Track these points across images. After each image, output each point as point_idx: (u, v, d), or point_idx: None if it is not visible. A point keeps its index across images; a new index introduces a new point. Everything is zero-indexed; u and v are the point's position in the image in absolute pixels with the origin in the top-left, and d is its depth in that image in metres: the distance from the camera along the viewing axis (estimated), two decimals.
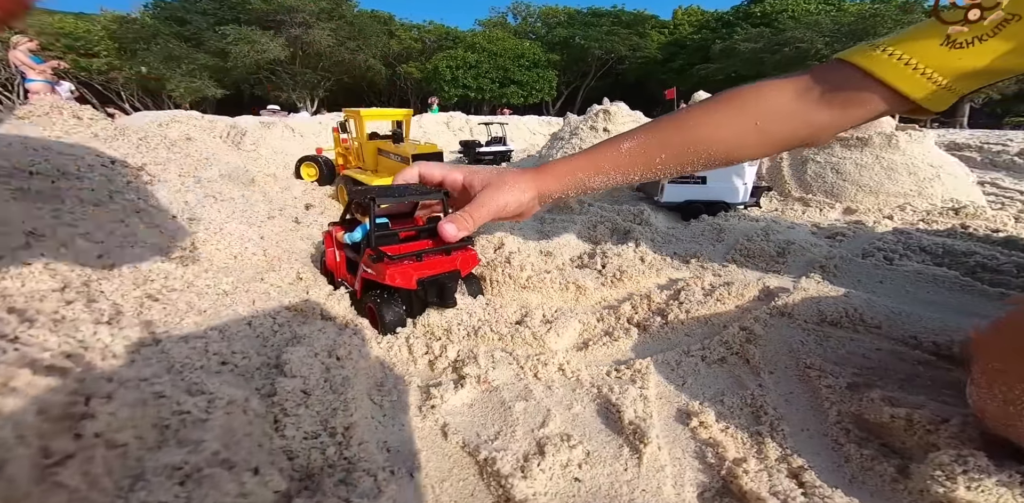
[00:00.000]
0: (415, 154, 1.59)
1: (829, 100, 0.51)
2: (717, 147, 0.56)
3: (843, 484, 0.55)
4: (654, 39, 24.26)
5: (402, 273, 0.74)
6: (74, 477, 0.27)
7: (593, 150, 0.59)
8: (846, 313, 0.86)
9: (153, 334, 0.43)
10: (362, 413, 0.53)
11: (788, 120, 0.54)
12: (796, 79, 0.54)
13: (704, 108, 0.57)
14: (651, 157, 0.57)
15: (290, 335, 0.58)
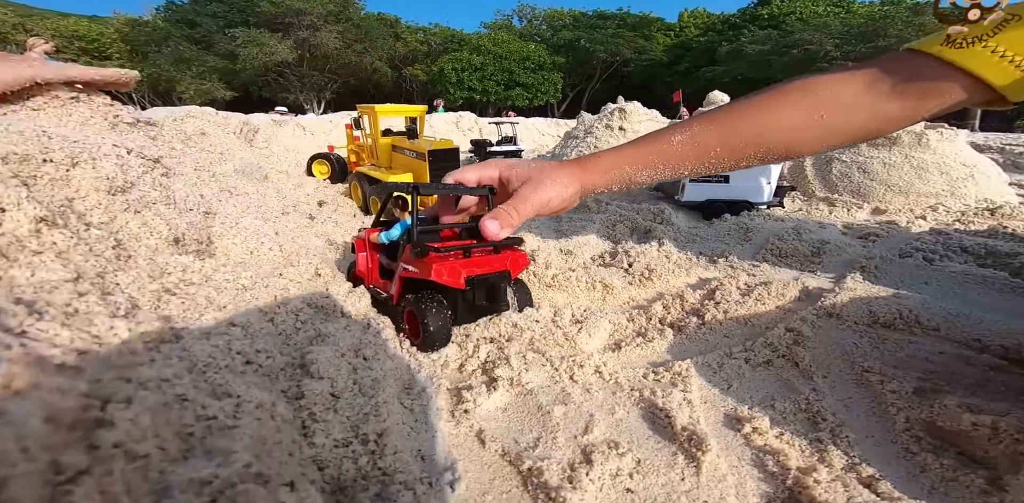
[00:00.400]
0: (431, 150, 1.56)
1: (902, 91, 0.48)
2: (778, 140, 0.53)
3: (923, 495, 0.51)
4: (660, 41, 24.25)
5: (450, 269, 0.66)
6: (90, 497, 0.23)
7: (641, 142, 0.56)
8: (900, 314, 0.80)
9: (173, 330, 0.39)
10: (394, 419, 0.49)
11: (856, 112, 0.51)
12: (864, 70, 0.51)
13: (764, 99, 0.53)
14: (705, 150, 0.54)
15: (314, 333, 0.54)
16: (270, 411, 0.38)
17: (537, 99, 24.13)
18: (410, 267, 0.69)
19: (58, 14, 22.46)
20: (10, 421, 0.20)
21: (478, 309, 0.75)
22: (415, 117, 1.85)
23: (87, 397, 0.24)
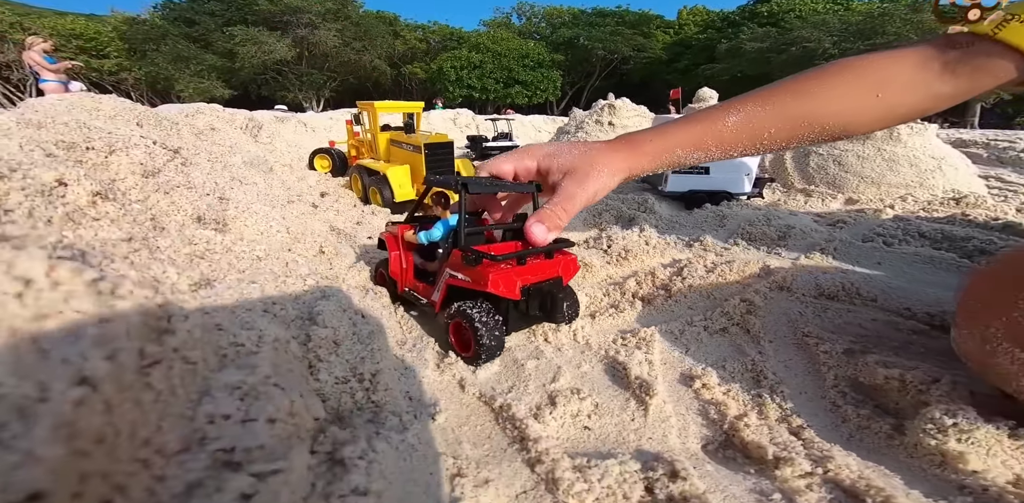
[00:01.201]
0: (427, 143, 1.65)
1: (954, 69, 0.49)
2: (834, 120, 0.52)
3: (841, 441, 0.58)
4: (659, 39, 24.22)
5: (506, 279, 0.59)
6: (160, 381, 0.32)
7: (692, 124, 0.53)
8: (843, 287, 0.90)
9: (207, 280, 0.48)
10: (387, 364, 0.58)
11: (912, 91, 0.50)
12: (916, 49, 0.51)
13: (818, 78, 0.52)
14: (759, 131, 0.52)
15: (319, 294, 0.63)
16: (284, 346, 0.48)
17: (537, 97, 24.10)
18: (460, 275, 0.62)
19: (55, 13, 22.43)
20: (117, 313, 0.29)
21: (529, 318, 0.70)
22: (412, 113, 1.94)
23: (160, 307, 0.33)
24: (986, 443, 0.50)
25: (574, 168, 0.50)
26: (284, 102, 15.69)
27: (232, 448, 0.31)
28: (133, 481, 0.27)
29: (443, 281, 0.66)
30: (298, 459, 0.32)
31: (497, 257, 0.57)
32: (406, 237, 0.79)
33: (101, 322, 0.27)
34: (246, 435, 0.32)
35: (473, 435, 0.54)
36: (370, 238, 1.20)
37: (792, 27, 13.54)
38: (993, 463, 0.49)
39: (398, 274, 0.79)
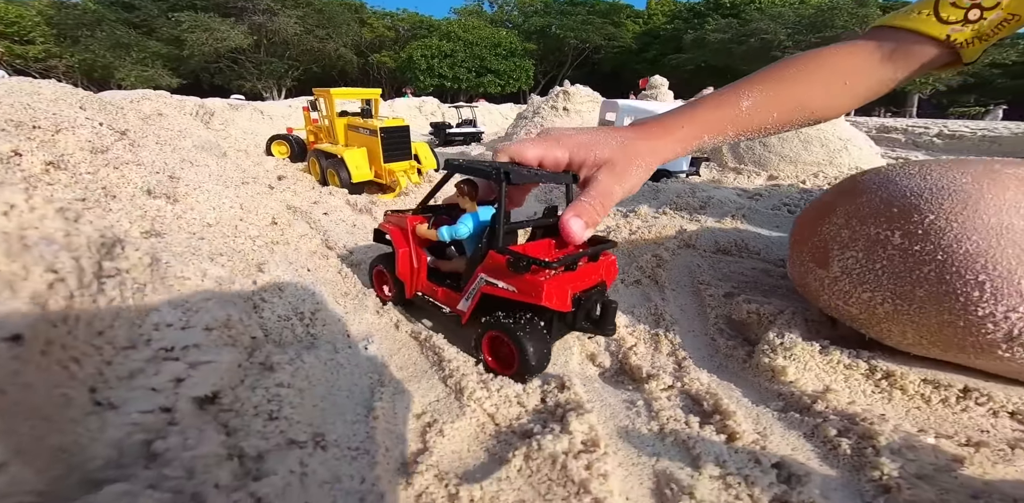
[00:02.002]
0: (383, 127, 1.71)
1: (892, 59, 0.55)
2: (817, 104, 0.56)
3: (711, 367, 0.69)
4: (629, 29, 24.45)
5: (559, 289, 0.51)
6: (114, 289, 0.41)
7: (713, 109, 0.54)
8: (735, 243, 1.06)
9: (157, 232, 0.55)
10: (328, 307, 0.68)
11: (867, 77, 0.57)
12: (861, 43, 0.58)
13: (802, 68, 0.56)
14: (766, 116, 0.55)
15: (268, 252, 0.71)
16: (228, 285, 0.57)
17: (510, 86, 23.91)
18: (501, 283, 0.52)
19: None
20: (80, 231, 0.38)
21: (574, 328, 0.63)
22: (370, 99, 1.98)
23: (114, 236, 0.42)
24: (803, 359, 0.61)
25: (612, 161, 0.48)
26: (242, 92, 14.89)
27: (172, 347, 0.40)
28: (87, 360, 0.35)
29: (477, 288, 0.56)
30: (228, 356, 0.42)
31: (551, 263, 0.47)
32: (419, 232, 0.65)
33: (68, 236, 0.35)
34: (184, 337, 0.41)
35: (400, 361, 0.65)
36: (326, 214, 1.27)
37: (752, 19, 14.06)
38: (808, 376, 0.60)
39: (408, 275, 0.67)
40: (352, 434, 0.44)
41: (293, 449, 0.37)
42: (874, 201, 0.53)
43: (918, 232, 0.48)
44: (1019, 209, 0.46)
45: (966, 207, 0.47)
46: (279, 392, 0.42)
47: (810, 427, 0.51)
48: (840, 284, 0.57)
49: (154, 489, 0.25)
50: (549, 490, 0.41)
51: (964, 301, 0.46)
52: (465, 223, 0.59)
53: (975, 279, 0.45)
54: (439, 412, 0.52)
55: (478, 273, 0.56)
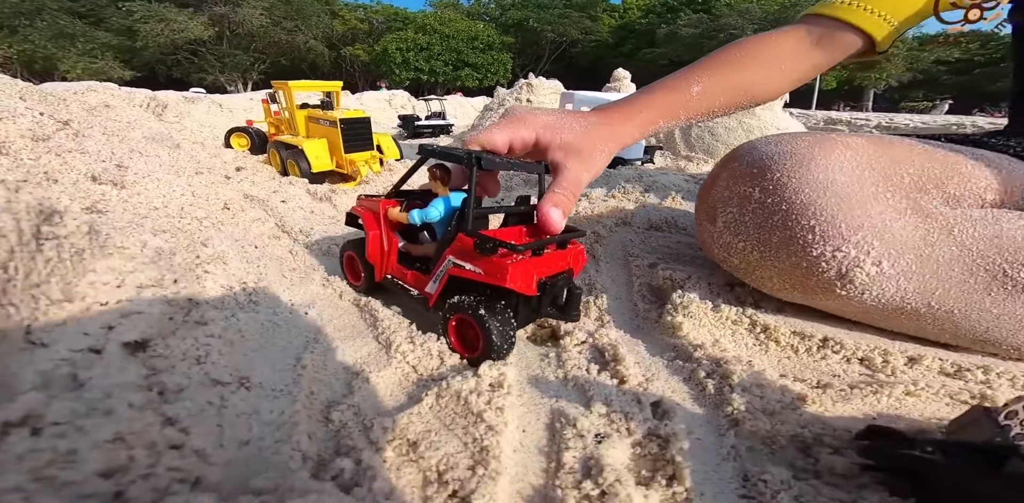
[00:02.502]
0: (343, 118, 1.73)
1: (820, 44, 0.60)
2: (759, 88, 0.60)
3: (627, 327, 0.76)
4: (605, 23, 24.60)
5: (524, 273, 0.51)
6: (52, 251, 0.45)
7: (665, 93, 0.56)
8: (666, 220, 1.15)
9: (99, 210, 0.59)
10: (273, 279, 0.72)
11: (800, 61, 0.61)
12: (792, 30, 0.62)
13: (744, 53, 0.59)
14: (714, 100, 0.57)
15: (215, 231, 0.75)
16: (169, 257, 0.61)
17: (487, 80, 23.76)
18: (468, 265, 0.53)
19: None
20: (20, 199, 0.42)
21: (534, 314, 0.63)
22: (331, 92, 1.99)
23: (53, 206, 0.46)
24: (697, 315, 0.69)
25: (579, 147, 0.48)
26: (203, 85, 14.23)
27: (106, 302, 0.45)
28: (24, 306, 0.40)
29: (444, 271, 0.57)
30: (159, 309, 0.46)
31: (517, 247, 0.48)
32: (390, 215, 0.66)
33: (8, 202, 0.39)
34: (118, 293, 0.46)
35: (339, 324, 0.70)
36: (284, 202, 1.29)
37: (721, 14, 14.43)
38: (701, 331, 0.68)
39: (378, 258, 0.68)
40: (278, 379, 0.49)
41: (215, 387, 0.42)
42: (743, 165, 0.61)
43: (770, 188, 0.56)
44: (841, 167, 0.54)
45: (801, 166, 0.54)
46: (209, 342, 0.47)
47: (688, 372, 0.58)
48: (724, 237, 0.65)
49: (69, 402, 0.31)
50: (453, 421, 0.48)
51: (802, 243, 0.53)
52: (436, 206, 0.60)
53: (808, 224, 0.53)
54: (367, 364, 0.58)
55: (446, 255, 0.56)
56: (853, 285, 0.54)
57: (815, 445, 0.43)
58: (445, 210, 0.61)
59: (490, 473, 0.41)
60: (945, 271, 0.52)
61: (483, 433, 0.45)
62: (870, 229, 0.51)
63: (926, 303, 0.54)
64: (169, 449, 0.32)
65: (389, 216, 0.67)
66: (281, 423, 0.42)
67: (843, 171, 0.54)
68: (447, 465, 0.42)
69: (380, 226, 0.68)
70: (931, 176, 0.57)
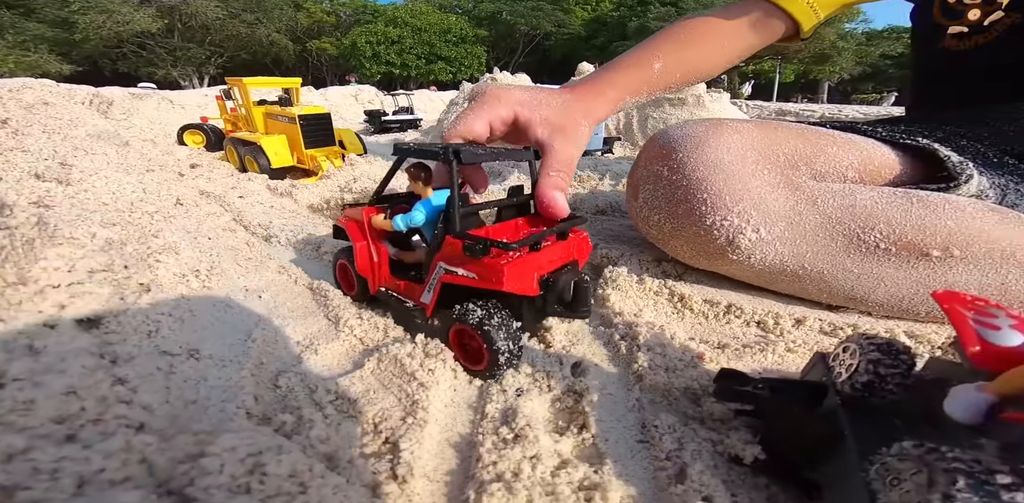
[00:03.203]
0: (301, 114, 1.74)
1: (756, 27, 0.66)
2: (707, 65, 0.65)
3: None
4: (578, 16, 24.71)
5: (522, 272, 0.47)
6: (4, 240, 0.49)
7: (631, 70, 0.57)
8: (611, 204, 1.25)
9: (46, 205, 0.61)
10: (226, 267, 0.76)
11: (741, 42, 0.67)
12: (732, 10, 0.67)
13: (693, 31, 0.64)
14: (671, 75, 0.61)
15: (167, 224, 0.78)
16: (120, 247, 0.64)
17: (462, 73, 23.53)
18: (460, 270, 0.48)
19: None
20: None
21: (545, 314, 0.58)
22: (289, 88, 1.99)
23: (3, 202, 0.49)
24: (624, 288, 0.76)
25: (562, 124, 0.48)
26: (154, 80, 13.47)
27: (58, 284, 0.49)
28: None
29: (436, 278, 0.52)
30: (109, 290, 0.50)
31: (509, 245, 0.44)
32: (375, 223, 0.61)
33: None
34: (69, 277, 0.50)
35: (292, 306, 0.74)
36: (241, 197, 1.31)
37: (688, 8, 14.81)
38: (628, 302, 0.74)
39: (368, 271, 0.63)
40: (228, 352, 0.54)
41: (164, 356, 0.47)
42: (655, 147, 0.68)
43: (675, 167, 0.63)
44: (728, 148, 0.62)
45: (697, 148, 0.61)
46: (159, 319, 0.52)
47: (607, 337, 0.64)
48: (644, 211, 0.72)
49: (27, 362, 0.35)
50: (390, 381, 0.55)
51: (699, 214, 0.61)
52: (419, 209, 0.55)
53: (702, 197, 0.60)
54: (317, 338, 0.64)
55: (436, 261, 0.51)
56: (740, 249, 0.62)
57: (703, 396, 0.50)
58: (429, 212, 0.55)
59: (419, 422, 0.48)
60: (812, 236, 0.61)
61: (415, 389, 0.52)
62: (749, 201, 0.60)
63: (800, 265, 0.64)
64: (118, 403, 0.37)
65: (373, 224, 0.62)
66: (228, 387, 0.48)
67: (730, 151, 0.62)
68: (381, 417, 0.49)
69: (366, 236, 0.63)
70: (802, 155, 0.67)
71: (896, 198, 0.61)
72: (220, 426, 0.38)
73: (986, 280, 0.58)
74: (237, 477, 0.30)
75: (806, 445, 0.36)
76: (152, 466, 0.31)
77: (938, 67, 0.80)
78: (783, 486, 0.40)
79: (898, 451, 0.28)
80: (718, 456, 0.42)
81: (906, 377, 0.34)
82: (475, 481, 0.41)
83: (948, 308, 0.34)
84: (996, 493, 0.24)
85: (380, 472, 0.41)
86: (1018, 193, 0.69)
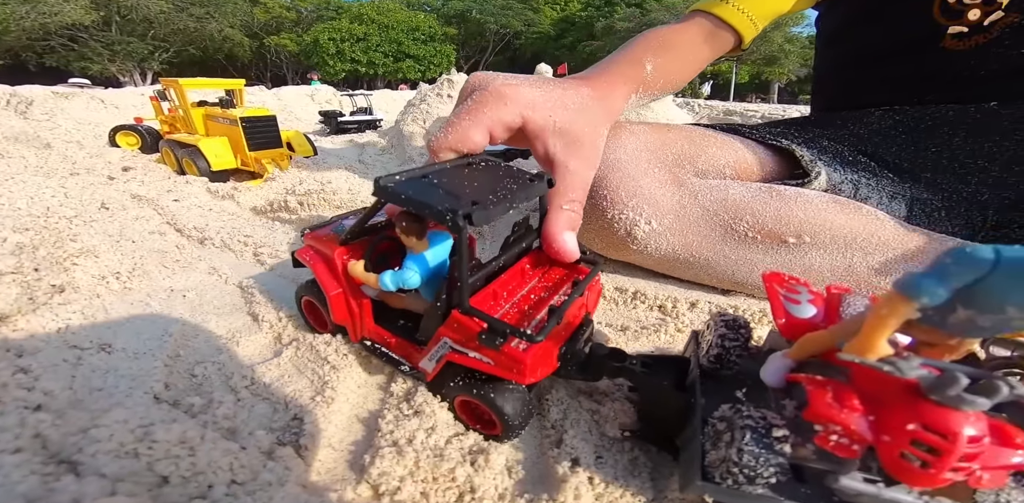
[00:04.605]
0: (243, 117, 1.72)
1: (708, 41, 0.72)
2: (680, 75, 0.70)
3: None
4: (547, 15, 25.16)
5: (544, 357, 0.41)
6: None
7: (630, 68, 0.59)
8: None
9: None
10: (150, 269, 0.79)
11: (699, 54, 0.73)
12: (688, 24, 0.72)
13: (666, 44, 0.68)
14: (657, 82, 0.64)
15: (86, 228, 0.78)
16: (32, 252, 0.66)
17: (431, 71, 23.42)
18: (472, 353, 0.42)
19: None
20: None
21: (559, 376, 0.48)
22: (232, 90, 1.97)
23: None
24: None
25: (578, 136, 0.43)
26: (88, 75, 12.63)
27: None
28: None
29: (441, 354, 0.46)
30: (16, 290, 0.53)
31: (535, 338, 0.37)
32: (353, 273, 0.51)
33: None
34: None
35: (219, 304, 0.76)
36: (176, 201, 1.30)
37: (651, 9, 15.45)
38: None
39: (347, 321, 0.56)
40: (143, 346, 0.58)
41: (72, 349, 0.50)
42: None
43: None
44: (624, 149, 0.68)
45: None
46: (70, 317, 0.55)
47: None
48: None
49: None
50: (305, 367, 0.60)
51: (601, 209, 0.67)
52: (412, 269, 0.46)
53: (603, 194, 0.66)
54: (239, 332, 0.67)
55: (441, 335, 0.44)
56: (637, 240, 0.70)
57: None
58: (425, 273, 0.47)
59: (326, 399, 0.53)
60: (696, 227, 0.70)
61: (327, 372, 0.57)
62: (641, 196, 0.68)
63: (689, 253, 0.72)
64: (18, 388, 0.41)
65: (351, 274, 0.51)
66: (138, 376, 0.51)
67: (625, 151, 0.69)
68: (292, 397, 0.54)
69: (341, 283, 0.53)
70: (687, 155, 0.77)
71: (760, 192, 0.70)
72: (116, 403, 0.42)
73: (835, 263, 0.68)
74: (125, 444, 0.35)
75: (671, 413, 0.40)
76: (46, 440, 0.35)
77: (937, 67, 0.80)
78: (646, 449, 0.45)
79: (720, 414, 0.32)
80: (595, 424, 0.48)
81: (745, 349, 0.39)
82: (373, 448, 0.46)
83: (768, 286, 0.40)
84: (771, 445, 0.28)
85: (284, 442, 0.46)
86: (869, 187, 0.81)
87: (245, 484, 0.37)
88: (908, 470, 0.25)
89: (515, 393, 0.44)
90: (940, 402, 0.24)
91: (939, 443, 0.24)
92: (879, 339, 0.26)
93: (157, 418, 0.38)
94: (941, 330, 0.27)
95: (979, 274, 0.22)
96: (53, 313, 0.54)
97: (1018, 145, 0.76)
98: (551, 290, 0.46)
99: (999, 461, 0.25)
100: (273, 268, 0.90)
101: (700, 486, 0.31)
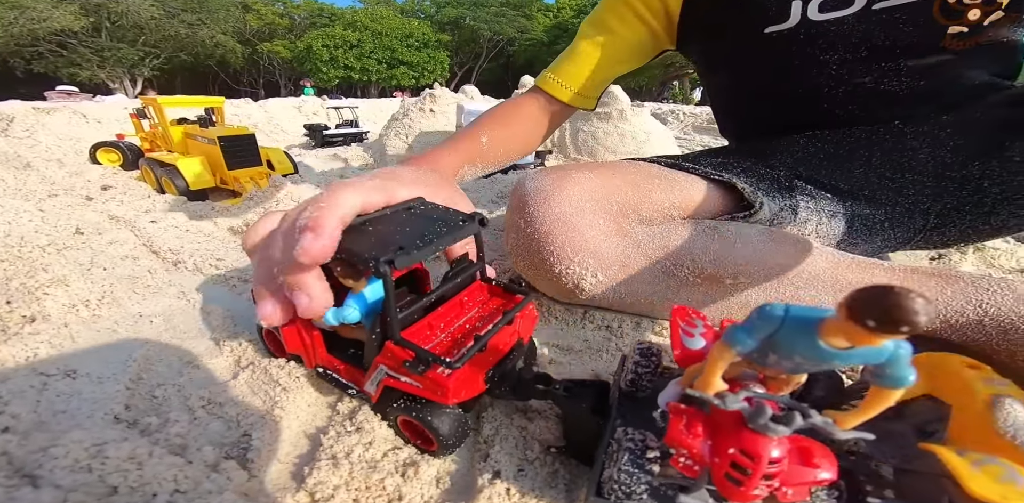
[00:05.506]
0: (221, 136, 1.78)
1: (546, 112, 0.82)
2: (520, 145, 0.81)
3: None
4: (540, 22, 25.68)
5: (468, 379, 0.47)
6: None
7: (463, 143, 0.70)
8: None
9: None
10: (120, 296, 0.84)
11: (539, 125, 0.83)
12: (530, 99, 0.83)
13: (508, 116, 0.79)
14: (496, 151, 0.73)
15: (59, 257, 0.84)
16: (4, 282, 0.72)
17: (425, 78, 23.72)
18: (404, 378, 0.48)
19: None
20: None
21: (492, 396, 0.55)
22: (212, 108, 2.04)
23: None
24: None
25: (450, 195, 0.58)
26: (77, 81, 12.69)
27: None
28: None
29: (379, 380, 0.52)
30: None
31: (453, 364, 0.43)
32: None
33: None
34: None
35: (185, 328, 0.81)
36: (153, 222, 1.36)
37: None
38: None
39: (301, 351, 0.62)
40: (107, 370, 0.63)
41: (39, 376, 0.56)
42: (514, 199, 0.76)
43: (528, 219, 0.70)
44: (570, 201, 0.70)
45: (544, 202, 0.69)
46: (39, 346, 0.60)
47: None
48: (513, 256, 0.79)
49: None
50: (259, 388, 0.65)
51: (548, 264, 0.70)
52: (352, 307, 0.51)
53: (549, 249, 0.69)
54: (201, 355, 0.73)
55: (378, 363, 0.50)
56: (585, 292, 0.74)
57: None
58: (364, 308, 0.52)
59: (275, 417, 0.59)
60: (639, 275, 0.74)
61: (278, 393, 0.63)
62: (586, 251, 0.70)
63: (635, 297, 0.76)
64: None
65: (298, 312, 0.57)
66: (100, 399, 0.57)
67: (571, 204, 0.71)
68: (245, 415, 0.60)
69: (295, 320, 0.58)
70: (631, 203, 0.78)
71: (701, 236, 0.73)
72: (77, 426, 0.48)
73: (770, 297, 0.72)
74: (80, 460, 0.41)
75: (587, 433, 0.44)
76: (11, 457, 0.41)
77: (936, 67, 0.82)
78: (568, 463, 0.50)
79: (616, 435, 0.36)
80: (523, 440, 0.54)
81: (655, 375, 0.45)
82: (313, 461, 0.52)
83: (672, 320, 0.46)
84: (643, 465, 0.32)
85: (230, 456, 0.52)
86: (808, 209, 0.86)
87: (187, 493, 0.43)
88: (728, 488, 0.32)
89: (451, 414, 0.50)
90: (754, 430, 0.31)
91: (748, 464, 0.30)
92: (714, 377, 0.32)
93: (111, 437, 0.44)
94: (766, 368, 0.34)
95: (772, 329, 0.28)
96: (23, 343, 0.60)
97: (932, 157, 0.80)
98: (486, 320, 0.52)
99: (799, 479, 0.32)
100: (241, 292, 0.96)
101: (593, 501, 0.36)
